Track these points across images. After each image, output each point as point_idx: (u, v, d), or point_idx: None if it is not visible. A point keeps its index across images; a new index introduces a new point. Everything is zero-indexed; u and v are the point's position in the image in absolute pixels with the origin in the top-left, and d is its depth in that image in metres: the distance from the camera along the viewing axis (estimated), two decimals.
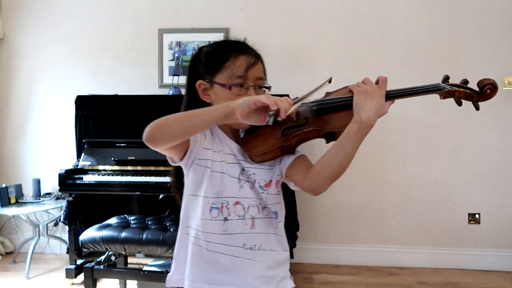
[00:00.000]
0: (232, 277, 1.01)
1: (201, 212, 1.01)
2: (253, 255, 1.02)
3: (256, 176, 1.03)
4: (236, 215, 1.01)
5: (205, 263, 1.02)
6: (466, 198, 3.09)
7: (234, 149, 1.04)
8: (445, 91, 1.08)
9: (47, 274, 2.96)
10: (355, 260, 3.15)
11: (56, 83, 3.38)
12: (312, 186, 0.99)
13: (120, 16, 3.32)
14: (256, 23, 3.22)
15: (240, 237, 1.01)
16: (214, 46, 1.10)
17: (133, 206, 3.09)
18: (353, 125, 0.93)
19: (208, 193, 1.01)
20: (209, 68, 1.05)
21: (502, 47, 3.04)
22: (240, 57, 1.03)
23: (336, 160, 0.94)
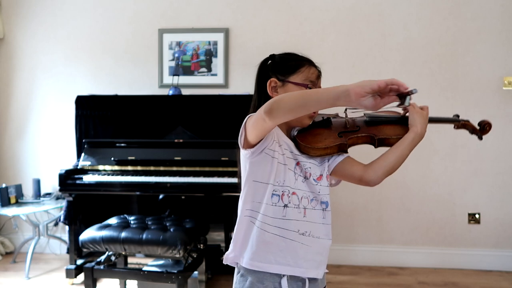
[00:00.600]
0: (286, 258, 1.13)
1: (265, 197, 1.13)
2: (305, 240, 1.14)
3: (311, 170, 1.17)
4: (293, 204, 1.14)
5: (265, 244, 1.13)
6: (466, 198, 3.09)
7: (290, 145, 1.17)
8: (461, 123, 1.40)
9: (47, 274, 2.96)
10: (355, 260, 3.15)
11: (56, 83, 3.38)
12: (373, 177, 1.21)
13: (120, 16, 3.32)
14: (256, 23, 3.22)
15: (295, 223, 1.13)
16: (288, 54, 1.25)
17: (133, 206, 3.10)
18: (410, 134, 1.21)
19: (273, 181, 1.12)
20: (284, 70, 1.20)
21: (502, 47, 3.04)
22: (312, 67, 1.22)
23: (395, 158, 1.20)
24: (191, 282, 2.39)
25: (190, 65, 3.28)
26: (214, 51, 3.25)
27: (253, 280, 1.13)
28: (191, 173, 2.61)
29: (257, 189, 1.14)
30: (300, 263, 1.13)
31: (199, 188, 2.55)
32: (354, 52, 3.15)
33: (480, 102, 3.04)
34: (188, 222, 2.36)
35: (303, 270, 1.14)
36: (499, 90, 3.04)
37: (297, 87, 1.17)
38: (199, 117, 2.88)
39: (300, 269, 1.13)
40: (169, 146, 2.74)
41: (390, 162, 1.21)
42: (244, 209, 1.16)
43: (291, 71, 1.20)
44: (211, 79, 3.26)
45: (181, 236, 2.13)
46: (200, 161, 2.65)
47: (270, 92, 1.19)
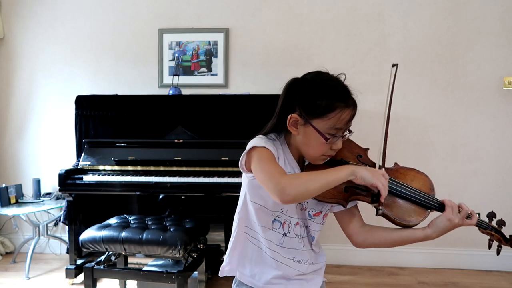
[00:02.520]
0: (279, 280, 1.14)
1: (264, 220, 1.12)
2: (299, 267, 1.15)
3: (307, 204, 1.13)
4: (295, 234, 1.13)
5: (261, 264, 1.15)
6: (466, 198, 3.09)
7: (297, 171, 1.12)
8: (487, 231, 1.25)
9: (47, 274, 2.96)
10: (355, 260, 3.15)
11: (56, 83, 3.38)
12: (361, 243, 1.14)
13: (120, 16, 3.32)
14: (256, 23, 3.22)
15: (292, 252, 1.14)
16: (320, 85, 1.07)
17: (133, 206, 3.09)
18: (420, 233, 1.08)
19: (275, 208, 1.10)
20: (311, 109, 1.05)
21: (502, 47, 3.04)
22: (346, 110, 1.04)
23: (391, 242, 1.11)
24: (191, 282, 2.39)
25: (190, 65, 3.28)
26: (214, 51, 3.25)
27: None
28: (191, 173, 2.61)
29: (256, 210, 1.12)
30: (293, 282, 1.16)
31: (199, 188, 2.55)
32: (354, 52, 3.15)
33: (480, 102, 3.04)
34: (188, 222, 2.36)
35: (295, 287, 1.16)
36: (499, 90, 3.04)
37: (318, 134, 1.05)
38: (199, 117, 2.88)
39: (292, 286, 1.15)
40: (169, 146, 2.74)
41: (384, 242, 1.12)
42: (241, 225, 1.16)
43: (319, 113, 1.04)
44: (211, 79, 3.26)
45: (181, 236, 2.13)
46: (200, 161, 2.65)
47: (289, 126, 1.08)
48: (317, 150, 1.08)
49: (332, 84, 1.07)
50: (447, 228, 1.10)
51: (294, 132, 1.09)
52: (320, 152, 1.08)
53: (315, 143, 1.06)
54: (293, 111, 1.07)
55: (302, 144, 1.10)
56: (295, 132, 1.09)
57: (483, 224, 1.22)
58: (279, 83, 1.18)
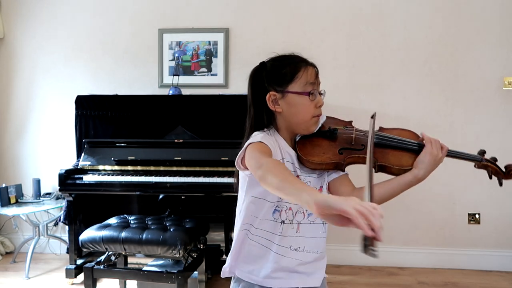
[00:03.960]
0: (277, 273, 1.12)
1: (264, 213, 1.11)
2: (297, 256, 1.13)
3: (311, 184, 1.13)
4: (288, 220, 1.12)
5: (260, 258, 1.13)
6: (466, 198, 3.09)
7: (293, 157, 1.13)
8: (483, 163, 1.26)
9: (47, 274, 2.96)
10: (355, 260, 3.15)
11: (56, 83, 3.38)
12: None
13: (120, 16, 3.32)
14: (256, 23, 3.22)
15: (288, 239, 1.12)
16: (279, 60, 1.16)
17: (133, 206, 3.10)
18: (409, 176, 1.10)
19: (274, 198, 1.10)
20: (280, 80, 1.12)
21: (502, 47, 3.04)
22: (309, 67, 1.14)
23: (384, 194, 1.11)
24: (191, 282, 2.39)
25: (190, 65, 3.28)
26: (214, 51, 3.25)
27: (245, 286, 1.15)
28: (191, 173, 2.61)
29: (257, 205, 1.12)
30: (292, 275, 1.13)
31: (199, 188, 2.55)
32: (354, 52, 3.15)
33: (480, 102, 3.04)
34: (188, 222, 2.36)
35: (296, 281, 1.14)
36: (499, 90, 3.03)
37: (299, 96, 1.10)
38: (199, 117, 2.88)
39: (292, 280, 1.13)
40: (169, 146, 2.74)
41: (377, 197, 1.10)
42: (242, 223, 1.15)
43: (288, 79, 1.12)
44: (211, 79, 3.26)
45: (181, 236, 2.13)
46: (200, 161, 2.65)
47: (272, 106, 1.13)
48: (305, 113, 1.11)
49: (287, 54, 1.18)
50: (431, 163, 1.10)
51: (278, 110, 1.12)
52: (309, 113, 1.11)
53: (301, 107, 1.10)
54: (266, 93, 1.13)
55: (289, 116, 1.12)
56: (278, 109, 1.12)
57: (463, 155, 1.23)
58: None
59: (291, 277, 1.13)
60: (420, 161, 1.10)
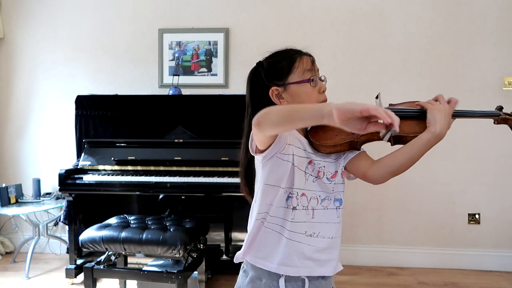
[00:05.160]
0: (292, 259, 1.12)
1: (278, 200, 1.12)
2: (312, 241, 1.13)
3: (325, 169, 1.14)
4: (302, 206, 1.13)
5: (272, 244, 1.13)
6: (466, 198, 3.09)
7: (305, 143, 1.14)
8: (501, 118, 1.20)
9: (47, 274, 2.96)
10: (355, 260, 3.15)
11: (56, 83, 3.38)
12: (376, 175, 1.13)
13: (120, 16, 3.32)
14: (256, 23, 3.22)
15: (302, 225, 1.12)
16: (274, 56, 1.19)
17: (133, 206, 3.10)
18: (427, 134, 1.09)
19: (287, 184, 1.11)
20: (279, 74, 1.15)
21: (502, 47, 3.04)
22: (303, 56, 1.16)
23: (405, 158, 1.10)
24: (191, 282, 2.39)
25: (190, 65, 3.28)
26: (214, 51, 3.25)
27: (253, 276, 1.15)
28: (191, 173, 2.61)
29: (271, 192, 1.13)
30: (306, 263, 1.13)
31: (199, 188, 2.55)
32: (354, 52, 3.15)
33: (480, 102, 3.04)
34: (188, 222, 2.36)
35: (309, 270, 1.13)
36: (499, 90, 3.04)
37: (300, 85, 1.13)
38: (199, 117, 2.88)
39: (305, 269, 1.13)
40: (169, 146, 2.74)
41: (398, 163, 1.12)
42: (257, 213, 1.16)
43: (286, 72, 1.14)
44: (211, 79, 3.26)
45: (181, 236, 2.13)
46: (200, 161, 2.65)
47: (277, 101, 1.14)
48: (310, 100, 1.13)
49: (281, 50, 1.20)
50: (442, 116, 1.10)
51: (283, 103, 1.14)
52: (313, 100, 1.14)
53: (304, 95, 1.13)
54: (268, 89, 1.15)
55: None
56: (284, 102, 1.14)
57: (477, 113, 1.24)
58: None
59: (305, 265, 1.12)
60: (431, 119, 1.10)
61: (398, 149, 1.11)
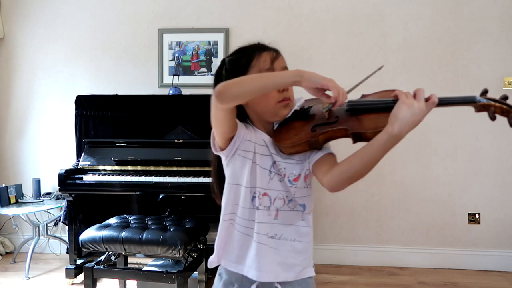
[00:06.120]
0: (259, 262, 1.09)
1: (242, 200, 1.10)
2: (274, 244, 1.10)
3: (286, 170, 1.09)
4: (264, 206, 1.09)
5: (243, 247, 1.12)
6: (466, 198, 3.09)
7: (267, 141, 1.10)
8: (480, 104, 1.00)
9: (47, 274, 2.96)
10: (355, 260, 3.15)
11: (56, 83, 3.38)
12: (331, 182, 1.01)
13: (120, 16, 3.32)
14: (256, 23, 3.22)
15: (264, 226, 1.09)
16: (235, 54, 1.16)
17: (133, 206, 3.10)
18: (383, 135, 0.93)
19: (248, 183, 1.09)
20: (238, 72, 1.10)
21: (502, 47, 3.04)
22: (263, 53, 1.10)
23: (360, 163, 0.96)
24: (191, 282, 2.39)
25: (190, 65, 3.28)
26: (214, 51, 3.25)
27: (226, 280, 1.15)
28: (191, 173, 2.61)
29: (235, 192, 1.12)
30: (271, 267, 1.09)
31: (199, 188, 2.55)
32: (354, 52, 3.15)
33: None
34: (188, 222, 2.36)
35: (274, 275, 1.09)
36: (499, 90, 3.03)
37: None
38: (199, 117, 2.88)
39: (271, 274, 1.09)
40: (169, 146, 2.74)
41: (353, 168, 0.97)
42: (224, 214, 1.14)
43: (244, 70, 1.10)
44: (211, 79, 3.22)
45: (181, 236, 2.13)
46: (200, 161, 2.65)
47: None
48: (267, 100, 1.08)
49: (244, 46, 1.16)
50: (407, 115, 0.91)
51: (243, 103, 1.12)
52: (271, 100, 1.08)
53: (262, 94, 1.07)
54: None
55: (254, 107, 1.11)
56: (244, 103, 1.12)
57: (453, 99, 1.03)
58: None
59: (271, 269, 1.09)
60: (393, 115, 0.92)
61: (354, 153, 0.98)
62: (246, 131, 1.09)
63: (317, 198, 3.28)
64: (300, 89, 1.00)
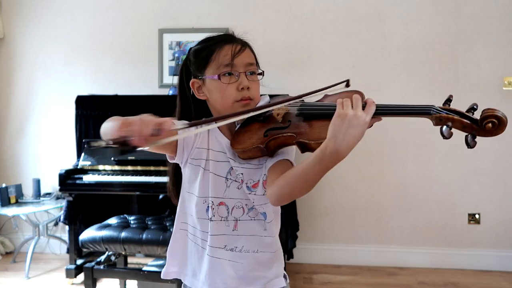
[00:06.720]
0: (212, 278, 1.02)
1: (195, 210, 1.03)
2: (233, 257, 1.02)
3: (243, 176, 1.00)
4: (219, 216, 1.01)
5: (197, 260, 1.05)
6: (466, 198, 3.09)
7: (225, 146, 1.02)
8: (436, 116, 0.80)
9: (47, 274, 2.96)
10: (355, 260, 3.15)
11: (56, 83, 3.38)
12: (270, 196, 0.92)
13: (120, 16, 3.32)
14: (256, 23, 3.22)
15: (221, 238, 1.01)
16: (201, 43, 1.09)
17: (133, 206, 3.09)
18: (318, 153, 0.79)
19: (201, 192, 1.02)
20: (199, 65, 1.04)
21: (502, 47, 3.04)
22: (225, 46, 1.02)
23: (296, 180, 0.85)
24: None
25: None
26: None
27: None
28: None
29: (189, 201, 1.05)
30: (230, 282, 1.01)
31: None
32: (354, 52, 3.15)
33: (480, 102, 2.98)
34: None
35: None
36: (499, 90, 3.03)
37: (214, 80, 1.00)
38: None
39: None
40: None
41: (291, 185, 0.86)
42: (179, 221, 1.08)
43: (204, 63, 1.03)
44: None
45: None
46: None
47: (197, 95, 1.05)
48: (225, 98, 0.99)
49: (210, 36, 1.08)
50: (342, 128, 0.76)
51: (202, 97, 1.05)
52: (228, 98, 0.99)
53: (217, 92, 1.00)
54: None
55: (213, 103, 1.03)
56: (203, 97, 1.05)
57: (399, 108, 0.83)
58: (279, 83, 1.18)
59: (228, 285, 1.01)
60: (330, 130, 0.78)
61: (293, 169, 0.88)
62: (196, 139, 1.02)
63: (317, 198, 3.29)
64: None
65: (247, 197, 1.01)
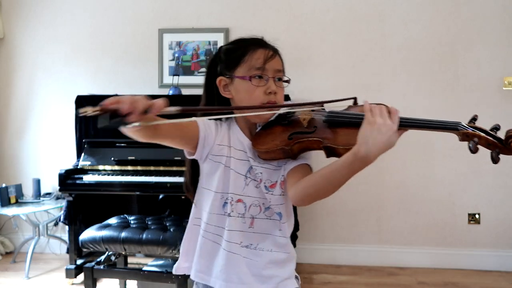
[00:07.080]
0: (228, 273, 1.04)
1: (210, 205, 1.05)
2: (248, 254, 1.04)
3: (262, 175, 1.04)
4: (237, 213, 1.04)
5: (210, 256, 1.07)
6: (466, 198, 3.09)
7: (246, 146, 1.05)
8: (463, 132, 0.90)
9: (47, 274, 2.96)
10: (355, 260, 3.15)
11: (56, 83, 3.38)
12: (294, 196, 0.96)
13: (120, 16, 3.32)
14: (256, 23, 3.22)
15: (237, 235, 1.04)
16: (233, 43, 1.13)
17: (133, 206, 3.09)
18: (349, 155, 0.85)
19: (219, 188, 1.04)
20: (229, 64, 1.07)
21: (502, 47, 3.04)
22: (258, 50, 1.06)
23: (323, 182, 0.90)
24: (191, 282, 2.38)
25: (190, 65, 3.28)
26: (214, 51, 3.25)
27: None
28: None
29: (205, 197, 1.07)
30: (244, 278, 1.03)
31: None
32: (354, 52, 3.15)
33: (480, 102, 3.04)
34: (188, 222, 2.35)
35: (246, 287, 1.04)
36: (499, 90, 3.03)
37: (243, 80, 1.04)
38: None
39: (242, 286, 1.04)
40: None
41: (314, 185, 0.91)
42: (193, 217, 1.11)
43: (235, 63, 1.06)
44: None
45: (181, 236, 2.13)
46: None
47: (222, 92, 1.08)
48: (251, 100, 1.03)
49: (244, 37, 1.13)
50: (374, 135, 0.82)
51: (228, 96, 1.07)
52: (255, 100, 1.03)
53: (245, 93, 1.03)
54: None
55: (239, 102, 1.06)
56: (229, 95, 1.07)
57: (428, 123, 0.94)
58: None
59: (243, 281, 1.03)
60: (360, 134, 0.84)
61: (321, 169, 0.91)
62: (217, 136, 1.04)
63: None
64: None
65: (264, 196, 1.04)
